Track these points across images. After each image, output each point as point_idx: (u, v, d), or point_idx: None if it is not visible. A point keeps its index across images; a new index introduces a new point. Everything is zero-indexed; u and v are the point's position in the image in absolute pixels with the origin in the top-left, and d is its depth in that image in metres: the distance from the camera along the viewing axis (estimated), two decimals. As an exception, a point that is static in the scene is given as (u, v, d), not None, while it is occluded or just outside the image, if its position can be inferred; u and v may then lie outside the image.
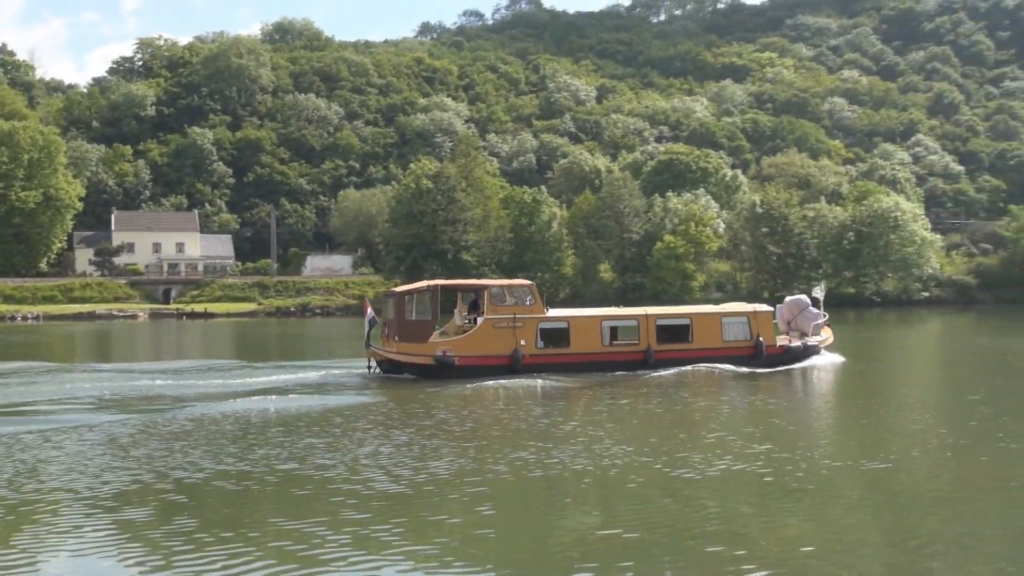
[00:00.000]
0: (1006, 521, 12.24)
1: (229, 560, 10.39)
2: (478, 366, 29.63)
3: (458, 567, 10.42)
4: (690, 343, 32.42)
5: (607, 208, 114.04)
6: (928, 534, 11.74)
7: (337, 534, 11.44)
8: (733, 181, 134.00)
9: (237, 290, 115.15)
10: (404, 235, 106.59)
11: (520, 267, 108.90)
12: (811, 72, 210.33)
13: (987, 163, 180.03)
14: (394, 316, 31.15)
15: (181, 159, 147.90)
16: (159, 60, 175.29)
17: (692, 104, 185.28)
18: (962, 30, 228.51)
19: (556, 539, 11.58)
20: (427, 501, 13.32)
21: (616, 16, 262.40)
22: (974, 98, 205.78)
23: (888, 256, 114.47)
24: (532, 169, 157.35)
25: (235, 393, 26.02)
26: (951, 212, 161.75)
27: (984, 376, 32.35)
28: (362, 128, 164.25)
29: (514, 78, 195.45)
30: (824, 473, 15.16)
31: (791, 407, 24.74)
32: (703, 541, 11.24)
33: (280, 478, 14.68)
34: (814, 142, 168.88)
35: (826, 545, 11.22)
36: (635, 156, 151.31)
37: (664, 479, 14.45)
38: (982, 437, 18.41)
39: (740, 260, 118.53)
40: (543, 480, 14.53)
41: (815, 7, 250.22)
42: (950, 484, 14.53)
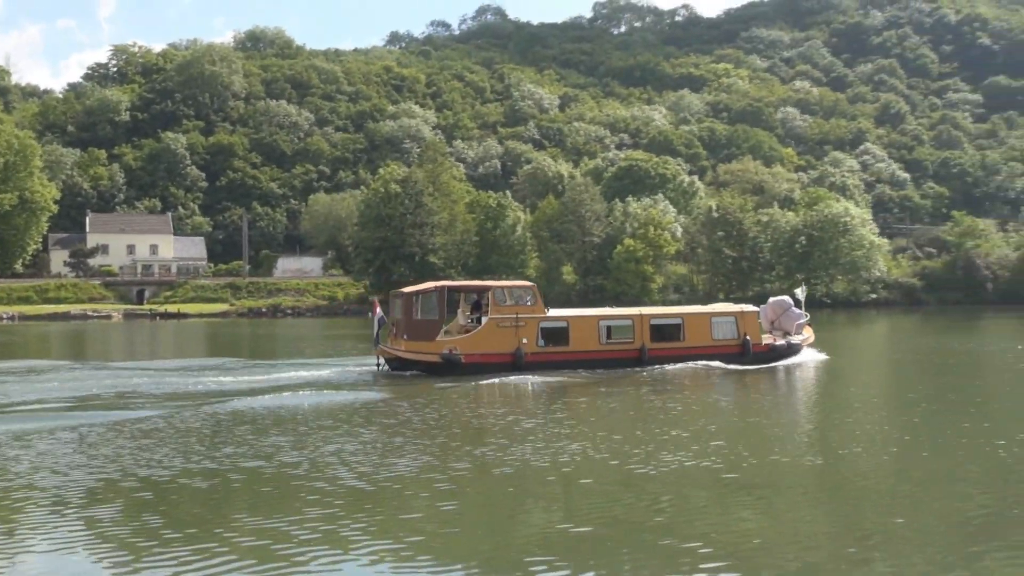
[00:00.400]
0: (945, 514, 12.34)
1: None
2: (483, 363, 29.92)
3: (428, 561, 10.35)
4: (682, 342, 32.95)
5: (569, 212, 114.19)
6: (872, 526, 11.79)
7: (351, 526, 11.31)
8: (690, 187, 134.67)
9: (210, 291, 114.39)
10: (373, 238, 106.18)
11: (485, 269, 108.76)
12: (764, 83, 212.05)
13: (931, 171, 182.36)
14: (402, 316, 31.63)
15: (155, 163, 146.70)
16: (133, 66, 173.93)
17: (651, 113, 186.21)
18: (907, 44, 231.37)
19: (521, 534, 11.54)
20: (417, 495, 13.22)
21: (578, 27, 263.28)
22: (919, 109, 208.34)
23: (838, 259, 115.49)
24: (497, 174, 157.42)
25: (260, 390, 26.28)
26: (897, 217, 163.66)
27: (929, 375, 32.70)
28: (332, 134, 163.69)
29: (480, 86, 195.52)
30: (778, 468, 15.21)
31: (764, 404, 24.87)
32: (661, 535, 11.24)
33: (315, 472, 14.55)
34: (767, 150, 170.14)
35: (776, 537, 11.25)
36: (596, 162, 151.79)
37: (627, 475, 14.43)
38: (925, 433, 18.58)
39: (697, 263, 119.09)
40: (520, 476, 14.47)
41: (768, 20, 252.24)
42: (894, 479, 14.63)
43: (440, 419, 21.02)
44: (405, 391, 26.69)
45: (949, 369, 34.02)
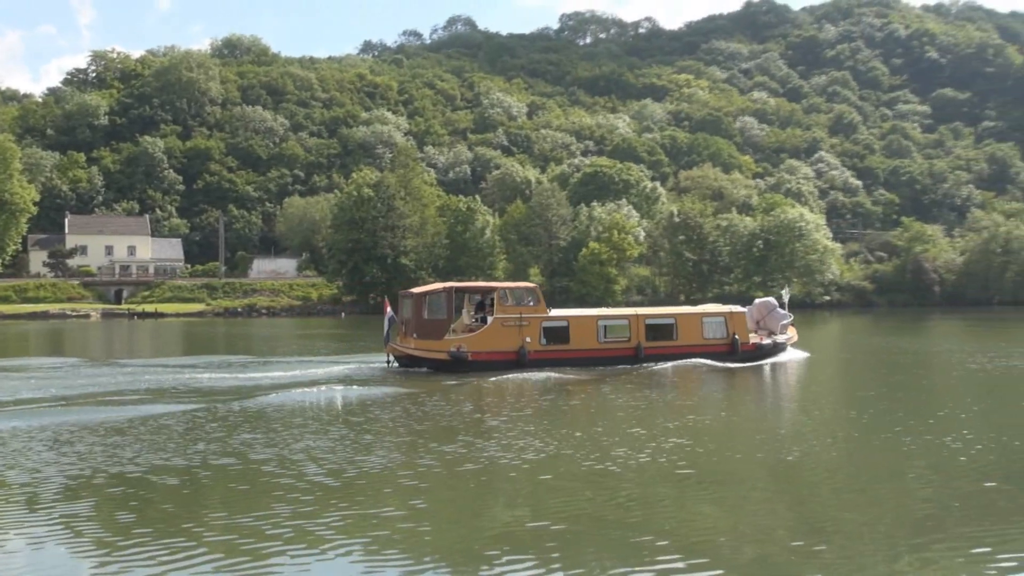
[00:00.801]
0: (892, 507, 12.51)
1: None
2: (489, 361, 30.35)
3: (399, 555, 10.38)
4: (675, 340, 33.51)
5: (536, 216, 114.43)
6: (823, 519, 11.93)
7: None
8: (652, 193, 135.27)
9: (186, 291, 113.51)
10: (346, 240, 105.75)
11: (455, 271, 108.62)
12: (724, 93, 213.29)
13: (882, 178, 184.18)
14: (412, 315, 32.00)
15: (133, 166, 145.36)
16: (112, 72, 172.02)
17: (615, 121, 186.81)
18: (860, 57, 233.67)
19: (492, 530, 11.59)
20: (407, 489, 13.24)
21: (545, 38, 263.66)
22: (870, 119, 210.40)
23: (793, 262, 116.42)
24: (467, 179, 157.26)
25: (291, 384, 27.05)
26: (850, 223, 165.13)
27: (884, 373, 33.06)
28: (307, 139, 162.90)
29: (450, 94, 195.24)
30: (741, 463, 15.34)
31: (743, 401, 25.03)
32: (623, 529, 11.28)
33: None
34: (727, 157, 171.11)
35: (734, 531, 11.33)
36: (563, 168, 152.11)
37: (600, 471, 14.50)
38: (877, 430, 18.80)
39: (659, 265, 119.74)
40: (510, 469, 14.52)
41: (728, 33, 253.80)
42: (846, 474, 14.80)
43: (447, 414, 21.16)
44: (422, 386, 27.04)
45: (900, 368, 34.42)
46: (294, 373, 30.61)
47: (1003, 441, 17.18)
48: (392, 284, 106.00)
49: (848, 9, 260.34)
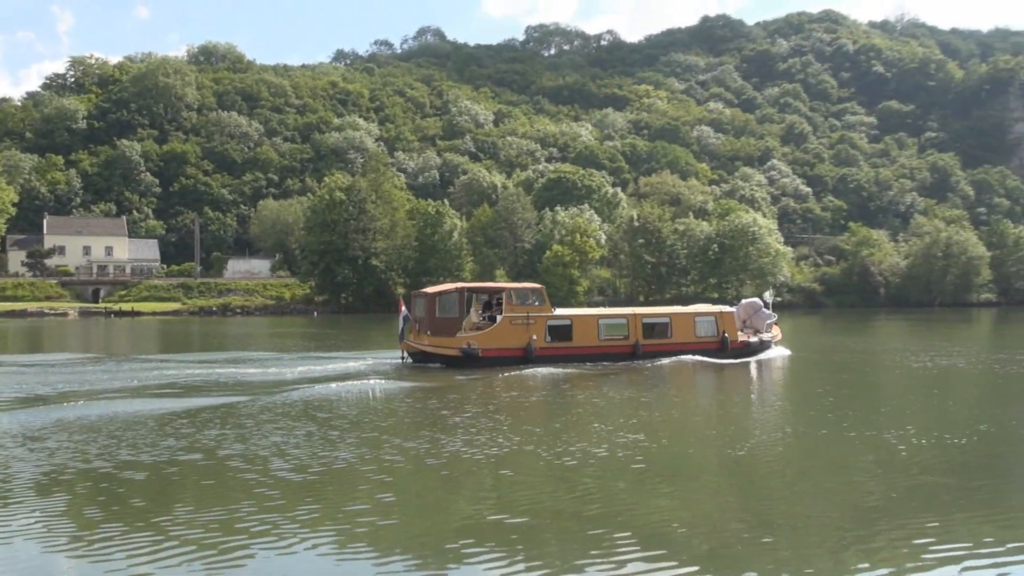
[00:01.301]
0: (842, 500, 12.60)
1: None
2: (498, 357, 31.03)
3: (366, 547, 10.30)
4: (670, 339, 34.32)
5: (502, 220, 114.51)
6: (774, 511, 11.99)
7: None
8: (614, 198, 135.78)
9: (163, 291, 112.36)
10: (318, 242, 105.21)
11: (424, 272, 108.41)
12: (682, 103, 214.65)
13: (831, 186, 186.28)
14: (426, 314, 32.77)
15: (110, 169, 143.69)
16: (90, 77, 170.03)
17: (578, 129, 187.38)
18: (810, 70, 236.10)
19: (459, 523, 11.53)
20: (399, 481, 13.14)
21: (511, 49, 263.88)
22: (820, 129, 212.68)
23: (747, 265, 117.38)
24: (435, 184, 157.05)
25: (325, 378, 27.77)
26: (800, 228, 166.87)
27: (828, 371, 33.33)
28: (280, 144, 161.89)
29: (420, 102, 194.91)
30: (701, 458, 15.42)
31: (721, 396, 25.04)
32: (583, 522, 11.28)
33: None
34: (684, 165, 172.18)
35: (690, 523, 11.35)
36: (528, 174, 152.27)
37: (557, 466, 14.48)
38: (829, 425, 18.92)
39: (619, 268, 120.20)
40: (501, 462, 14.45)
41: (685, 46, 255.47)
42: (797, 467, 14.90)
43: (456, 407, 21.10)
44: (439, 381, 27.82)
45: (848, 367, 34.70)
46: (323, 367, 31.34)
47: (943, 437, 17.36)
48: (363, 285, 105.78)
49: (799, 25, 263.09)
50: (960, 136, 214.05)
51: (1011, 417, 20.09)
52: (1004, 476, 14.36)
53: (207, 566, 9.53)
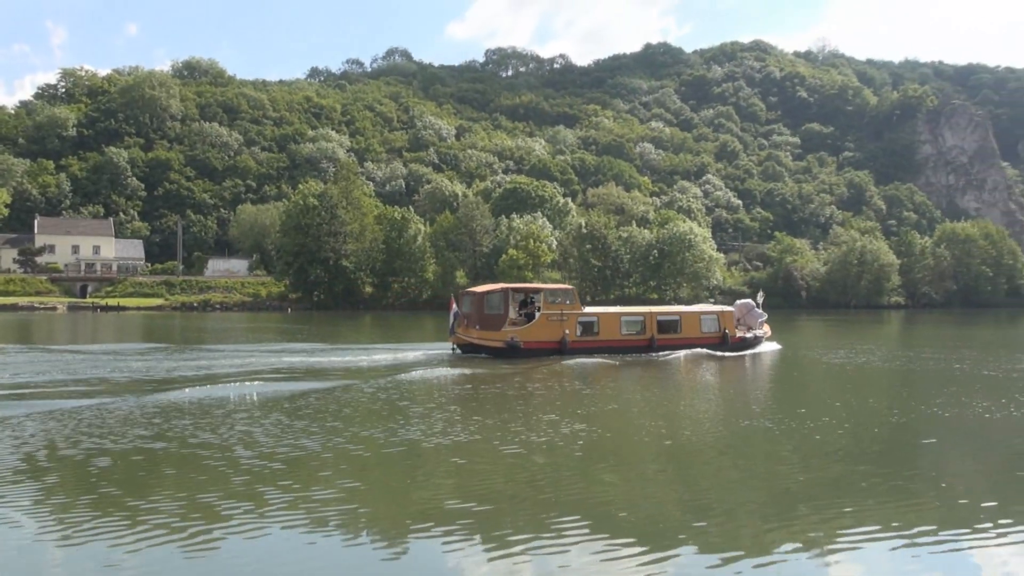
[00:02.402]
0: (768, 486, 12.72)
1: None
2: (537, 348, 32.75)
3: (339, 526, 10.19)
4: (679, 334, 36.01)
5: (463, 226, 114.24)
6: (711, 494, 12.08)
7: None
8: (564, 207, 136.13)
9: (147, 287, 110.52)
10: (293, 244, 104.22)
11: (391, 272, 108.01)
12: (626, 122, 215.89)
13: (759, 198, 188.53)
14: (474, 310, 33.94)
15: (99, 174, 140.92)
16: (80, 88, 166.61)
17: (532, 144, 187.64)
18: (742, 94, 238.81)
19: (433, 505, 11.45)
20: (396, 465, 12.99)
21: (472, 70, 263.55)
22: (750, 148, 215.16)
23: (684, 269, 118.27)
24: (401, 192, 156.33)
25: (403, 367, 29.01)
26: (731, 236, 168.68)
27: (759, 368, 33.66)
28: (258, 153, 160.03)
29: (388, 116, 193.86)
30: (645, 446, 15.44)
31: (706, 386, 24.84)
32: (537, 505, 11.27)
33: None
34: (628, 178, 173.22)
35: (635, 506, 11.39)
36: (486, 184, 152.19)
37: (511, 454, 14.45)
38: (758, 416, 19.10)
39: (568, 270, 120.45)
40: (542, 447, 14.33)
41: (630, 71, 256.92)
42: (733, 456, 15.01)
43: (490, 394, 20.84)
44: (493, 368, 29.50)
45: (770, 363, 35.08)
46: (393, 356, 32.84)
47: (857, 428, 17.58)
48: (334, 284, 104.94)
49: (732, 53, 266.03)
50: (874, 156, 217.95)
51: (917, 409, 20.41)
52: (911, 464, 14.57)
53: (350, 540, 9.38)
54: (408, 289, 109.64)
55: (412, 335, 51.16)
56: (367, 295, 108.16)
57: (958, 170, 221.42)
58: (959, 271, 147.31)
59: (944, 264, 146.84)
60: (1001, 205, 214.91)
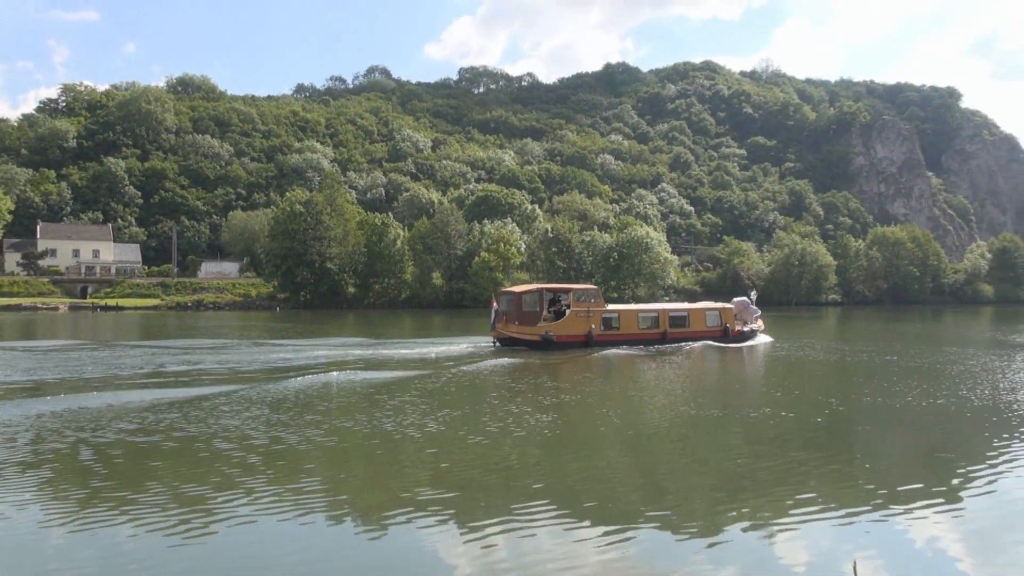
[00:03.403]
0: (719, 468, 12.92)
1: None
2: (568, 341, 34.24)
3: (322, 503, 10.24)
4: (688, 328, 37.79)
5: (438, 231, 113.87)
6: (665, 473, 12.28)
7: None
8: (532, 213, 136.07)
9: (144, 288, 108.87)
10: (281, 247, 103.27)
11: (372, 274, 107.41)
12: (588, 135, 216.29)
13: (709, 205, 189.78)
14: (513, 308, 35.44)
15: (98, 182, 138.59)
16: (80, 102, 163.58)
17: (502, 155, 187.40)
18: (693, 110, 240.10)
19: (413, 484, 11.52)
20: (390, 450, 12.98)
21: (447, 87, 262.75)
22: (701, 159, 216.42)
23: (641, 270, 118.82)
24: (382, 200, 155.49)
25: (468, 358, 30.57)
26: (684, 240, 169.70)
27: (707, 362, 33.95)
28: (248, 163, 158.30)
29: (369, 129, 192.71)
30: (610, 434, 15.60)
31: (693, 374, 24.91)
32: (509, 484, 11.38)
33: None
34: (590, 186, 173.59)
35: (596, 490, 11.55)
36: (460, 192, 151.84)
37: (504, 436, 14.55)
38: (710, 406, 19.32)
39: (536, 271, 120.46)
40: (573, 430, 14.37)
41: (591, 88, 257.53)
42: (689, 442, 15.21)
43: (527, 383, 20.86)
44: (537, 358, 31.32)
45: (719, 356, 35.42)
46: (446, 348, 34.41)
47: (799, 416, 17.87)
48: (319, 285, 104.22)
49: (684, 72, 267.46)
50: (812, 166, 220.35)
51: (853, 399, 20.77)
52: (848, 448, 14.87)
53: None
54: (388, 289, 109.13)
55: (454, 330, 51.81)
56: (350, 295, 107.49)
57: (888, 179, 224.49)
58: (889, 271, 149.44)
59: (876, 265, 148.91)
60: (927, 211, 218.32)
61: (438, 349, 33.89)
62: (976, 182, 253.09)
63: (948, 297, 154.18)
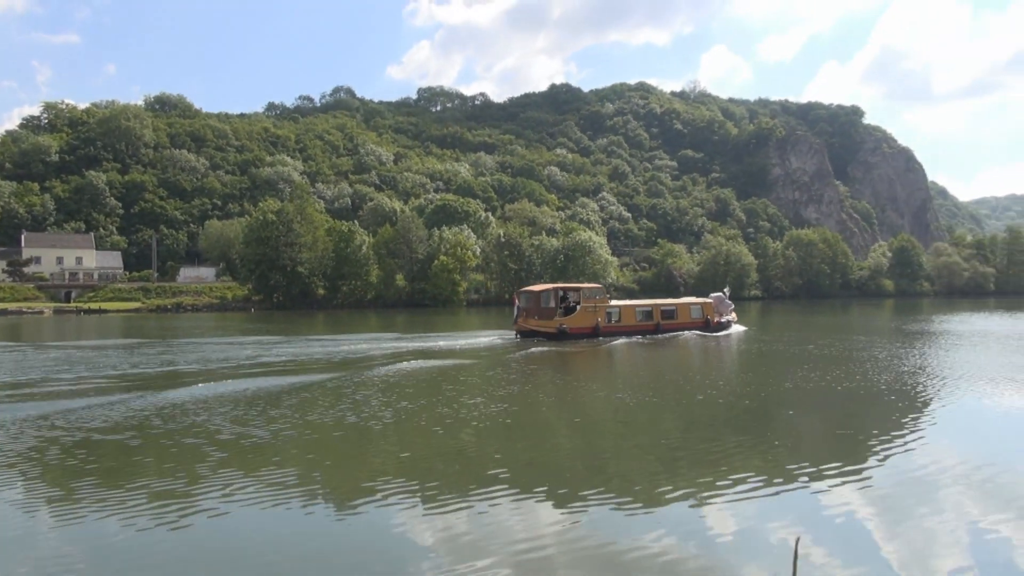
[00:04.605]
0: (656, 446, 13.04)
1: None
2: (579, 333, 36.36)
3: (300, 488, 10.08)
4: (677, 320, 39.96)
5: (401, 237, 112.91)
6: (608, 451, 12.34)
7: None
8: (486, 220, 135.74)
9: (125, 292, 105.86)
10: (255, 253, 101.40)
11: (339, 277, 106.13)
12: (535, 149, 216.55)
13: (645, 212, 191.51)
14: (533, 304, 37.62)
15: (80, 194, 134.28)
16: (62, 119, 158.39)
17: (458, 167, 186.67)
18: (629, 126, 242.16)
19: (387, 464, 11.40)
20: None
21: (407, 105, 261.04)
22: (637, 170, 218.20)
23: (585, 270, 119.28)
24: (348, 208, 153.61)
25: (502, 348, 31.87)
26: (623, 243, 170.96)
27: (654, 352, 34.24)
28: (223, 176, 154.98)
29: (335, 144, 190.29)
30: (558, 418, 15.62)
31: (674, 361, 24.84)
32: (467, 462, 11.35)
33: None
34: (538, 195, 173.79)
35: (543, 465, 11.57)
36: (420, 201, 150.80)
37: (468, 423, 14.47)
38: (646, 392, 19.46)
39: (490, 273, 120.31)
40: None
41: (538, 106, 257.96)
42: (629, 424, 15.31)
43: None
44: (553, 347, 33.09)
45: (653, 347, 35.76)
46: (476, 340, 35.95)
47: (728, 400, 18.13)
48: (291, 287, 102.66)
49: (621, 92, 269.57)
50: (735, 176, 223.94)
51: (773, 384, 21.14)
52: (771, 429, 15.12)
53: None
54: (355, 291, 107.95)
55: (474, 325, 53.48)
56: (320, 296, 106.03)
57: (801, 187, 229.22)
58: (804, 269, 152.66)
59: (792, 264, 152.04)
60: (835, 215, 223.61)
61: (468, 342, 35.51)
62: (877, 189, 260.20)
63: (855, 291, 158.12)
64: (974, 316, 61.56)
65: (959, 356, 27.98)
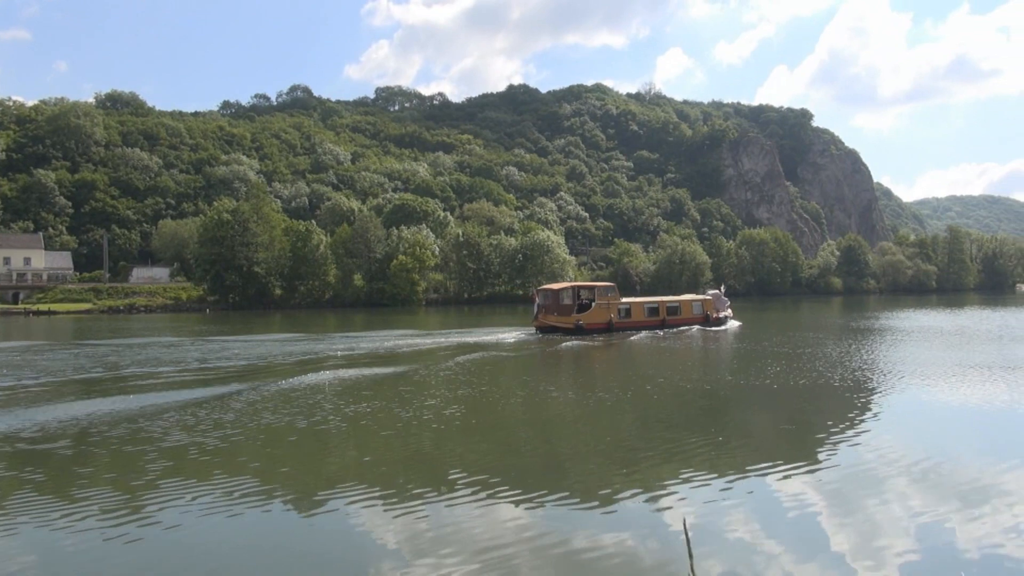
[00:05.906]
0: (612, 441, 13.08)
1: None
2: (594, 328, 38.50)
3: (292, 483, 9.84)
4: (680, 315, 42.52)
5: (359, 236, 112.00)
6: (566, 450, 12.33)
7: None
8: (444, 220, 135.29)
9: (76, 294, 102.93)
10: (210, 253, 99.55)
11: (297, 276, 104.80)
12: (493, 149, 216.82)
13: (601, 211, 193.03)
14: (552, 301, 39.80)
15: (28, 193, 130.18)
16: (8, 116, 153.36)
17: (416, 167, 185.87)
18: (586, 127, 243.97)
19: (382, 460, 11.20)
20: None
21: (365, 104, 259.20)
22: (594, 171, 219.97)
23: (543, 270, 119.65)
24: (305, 208, 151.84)
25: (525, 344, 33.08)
26: (581, 242, 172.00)
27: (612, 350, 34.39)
28: (177, 175, 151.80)
29: (292, 143, 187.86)
30: (517, 417, 15.57)
31: (668, 356, 24.90)
32: (429, 462, 11.23)
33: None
34: (496, 195, 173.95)
35: (506, 462, 11.52)
36: (378, 201, 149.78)
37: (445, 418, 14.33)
38: (602, 391, 19.52)
39: (449, 272, 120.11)
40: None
41: (496, 107, 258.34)
42: (586, 422, 15.34)
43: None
44: (572, 342, 34.57)
45: (614, 347, 35.97)
46: (501, 335, 37.48)
47: (680, 399, 18.30)
48: (247, 287, 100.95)
49: (578, 93, 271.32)
50: (690, 177, 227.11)
51: (725, 381, 21.43)
52: (723, 424, 15.30)
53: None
54: (313, 291, 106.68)
55: (495, 321, 54.85)
56: (277, 296, 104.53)
57: (753, 188, 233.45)
58: (756, 267, 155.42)
59: (745, 262, 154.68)
60: (786, 215, 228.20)
61: (495, 337, 36.92)
62: (826, 190, 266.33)
63: (805, 289, 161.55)
64: (917, 313, 63.37)
65: (904, 352, 28.73)
